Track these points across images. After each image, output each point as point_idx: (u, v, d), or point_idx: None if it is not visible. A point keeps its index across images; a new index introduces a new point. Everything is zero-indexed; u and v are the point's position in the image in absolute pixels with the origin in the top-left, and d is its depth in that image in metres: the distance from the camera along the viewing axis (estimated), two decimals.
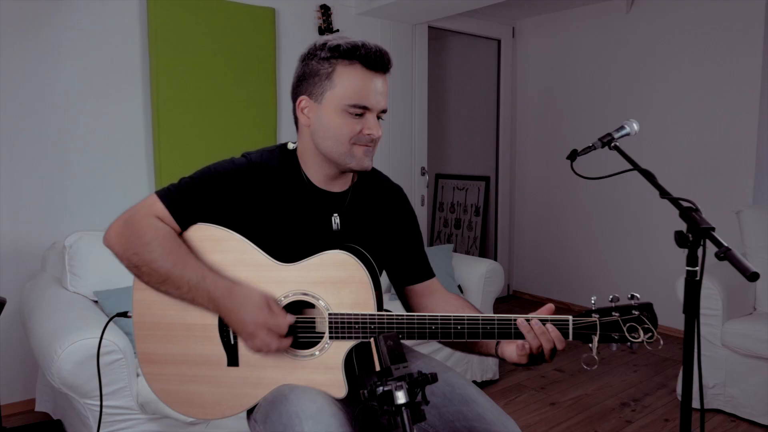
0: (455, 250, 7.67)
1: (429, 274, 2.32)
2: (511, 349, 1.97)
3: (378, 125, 2.01)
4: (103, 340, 2.55)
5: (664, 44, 5.94)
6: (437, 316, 1.91)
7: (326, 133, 1.99)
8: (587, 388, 4.77)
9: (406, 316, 1.92)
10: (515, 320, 1.90)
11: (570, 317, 1.89)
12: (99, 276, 3.67)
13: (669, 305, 4.48)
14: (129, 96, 4.41)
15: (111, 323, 2.88)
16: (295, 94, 2.06)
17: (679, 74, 5.82)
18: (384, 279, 2.61)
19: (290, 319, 1.90)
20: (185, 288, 1.93)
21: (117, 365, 3.03)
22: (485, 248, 7.69)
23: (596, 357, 1.88)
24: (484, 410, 1.98)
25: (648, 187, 2.18)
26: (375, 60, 1.96)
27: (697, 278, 1.84)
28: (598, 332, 1.88)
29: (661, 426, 4.13)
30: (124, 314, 2.17)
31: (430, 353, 2.38)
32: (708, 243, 1.78)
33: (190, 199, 2.00)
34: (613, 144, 2.31)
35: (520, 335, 1.90)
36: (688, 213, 1.85)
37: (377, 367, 1.63)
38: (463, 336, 1.91)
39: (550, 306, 1.95)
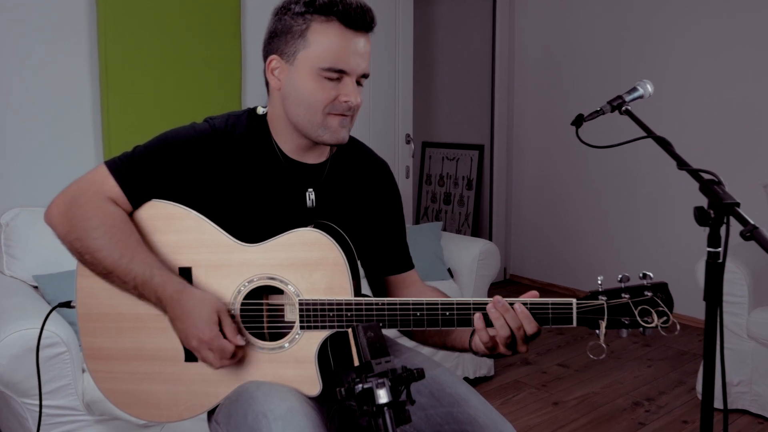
0: (445, 229, 7.64)
1: (409, 264, 2.33)
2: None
3: (357, 91, 1.99)
4: (44, 332, 2.53)
5: None
6: (422, 301, 1.91)
7: (298, 98, 1.98)
8: (595, 385, 4.79)
9: (388, 302, 1.91)
10: (512, 305, 1.88)
11: (574, 300, 1.88)
12: (40, 258, 3.64)
13: (688, 291, 4.44)
14: (73, 52, 4.35)
15: (53, 312, 2.86)
16: (266, 53, 2.05)
17: (698, 28, 5.81)
18: None
19: (239, 341, 1.88)
20: (131, 284, 1.92)
21: (60, 360, 3.01)
22: (479, 226, 7.70)
23: (604, 345, 1.87)
24: (477, 412, 1.98)
25: (664, 157, 2.17)
26: (355, 17, 1.94)
27: (720, 260, 1.84)
28: (606, 316, 1.87)
29: (679, 428, 4.15)
30: (67, 304, 2.15)
31: (416, 346, 2.38)
32: (732, 220, 1.78)
33: (145, 171, 1.99)
34: (624, 108, 2.31)
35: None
36: (710, 186, 1.85)
37: (356, 362, 1.62)
38: (452, 323, 1.90)
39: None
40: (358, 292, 1.98)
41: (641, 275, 1.88)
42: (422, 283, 2.32)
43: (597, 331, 1.87)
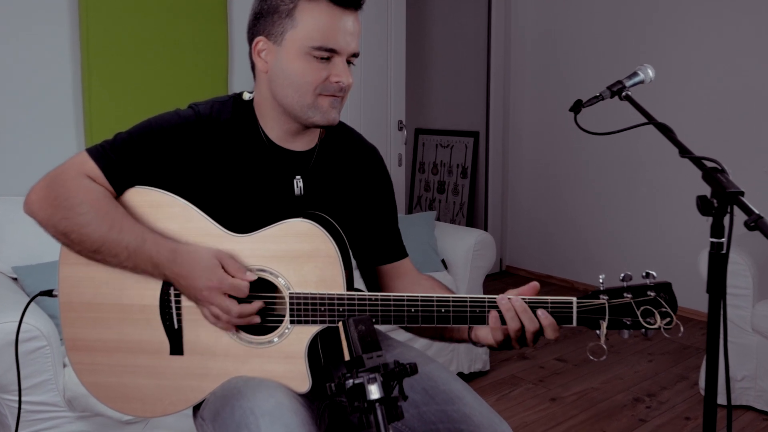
0: (438, 219, 7.66)
1: (402, 253, 2.32)
2: (486, 331, 1.96)
3: (348, 71, 1.99)
4: (23, 324, 2.52)
5: None
6: (417, 296, 1.90)
7: (286, 80, 1.98)
8: (594, 380, 4.80)
9: (381, 296, 1.90)
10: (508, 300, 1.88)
11: (574, 299, 1.87)
12: (19, 249, 3.63)
13: (690, 283, 4.43)
14: (53, 35, 4.32)
15: (32, 304, 2.85)
16: (252, 35, 2.04)
17: (701, 11, 5.81)
18: None
19: (250, 276, 1.88)
20: (124, 255, 1.91)
21: (40, 354, 3.01)
22: (474, 216, 7.70)
23: (605, 346, 1.87)
24: (472, 410, 1.98)
25: (665, 144, 2.17)
26: None
27: (724, 251, 1.84)
28: (607, 317, 1.87)
29: (681, 425, 4.16)
30: (49, 293, 2.15)
31: (408, 341, 2.39)
32: (736, 210, 1.78)
33: (127, 159, 1.98)
34: (624, 93, 2.30)
35: None
36: (713, 174, 1.84)
37: (346, 357, 1.62)
38: (447, 320, 1.90)
39: (535, 285, 1.93)
40: (350, 284, 1.98)
41: (644, 274, 1.87)
42: (417, 272, 2.31)
43: (598, 332, 1.87)
